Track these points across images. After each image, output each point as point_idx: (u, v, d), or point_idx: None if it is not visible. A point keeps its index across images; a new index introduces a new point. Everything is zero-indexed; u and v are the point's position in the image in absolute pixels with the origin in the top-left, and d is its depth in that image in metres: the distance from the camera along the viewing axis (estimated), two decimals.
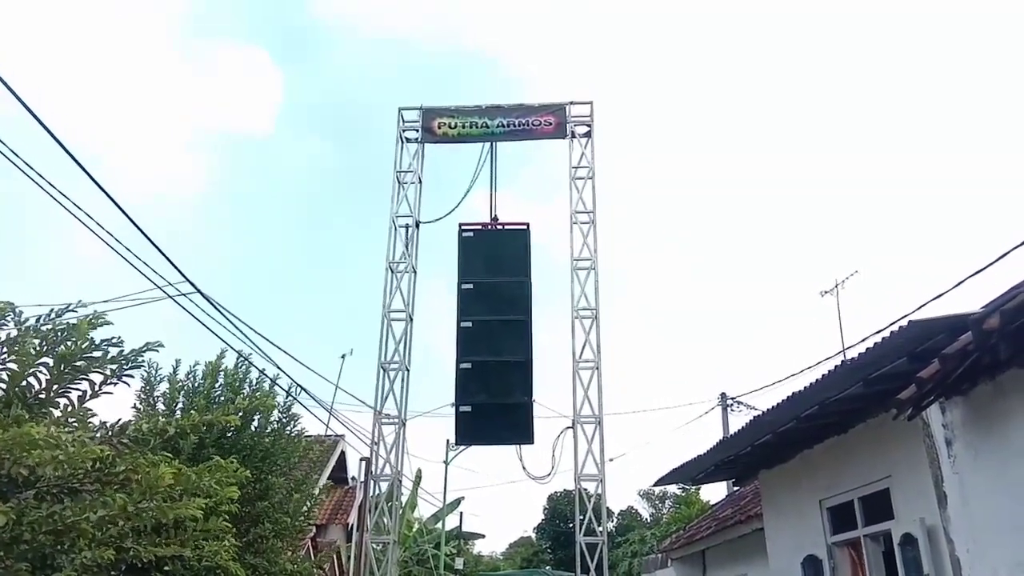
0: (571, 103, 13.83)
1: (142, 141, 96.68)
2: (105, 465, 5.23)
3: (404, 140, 13.89)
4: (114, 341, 5.35)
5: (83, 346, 5.19)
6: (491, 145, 13.76)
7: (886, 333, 5.51)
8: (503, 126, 13.68)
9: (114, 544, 5.75)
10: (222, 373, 10.99)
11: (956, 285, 8.90)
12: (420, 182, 13.73)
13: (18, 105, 6.75)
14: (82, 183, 7.80)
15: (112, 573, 6.67)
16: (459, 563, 32.55)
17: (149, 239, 8.69)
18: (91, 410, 5.57)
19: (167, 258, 9.19)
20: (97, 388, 5.52)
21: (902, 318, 5.51)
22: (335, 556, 16.19)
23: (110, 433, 5.44)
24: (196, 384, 10.79)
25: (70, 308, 5.50)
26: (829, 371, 6.30)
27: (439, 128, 13.79)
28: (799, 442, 8.23)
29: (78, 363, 5.26)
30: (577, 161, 13.49)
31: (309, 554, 14.53)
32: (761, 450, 8.57)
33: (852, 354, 6.55)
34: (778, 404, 7.15)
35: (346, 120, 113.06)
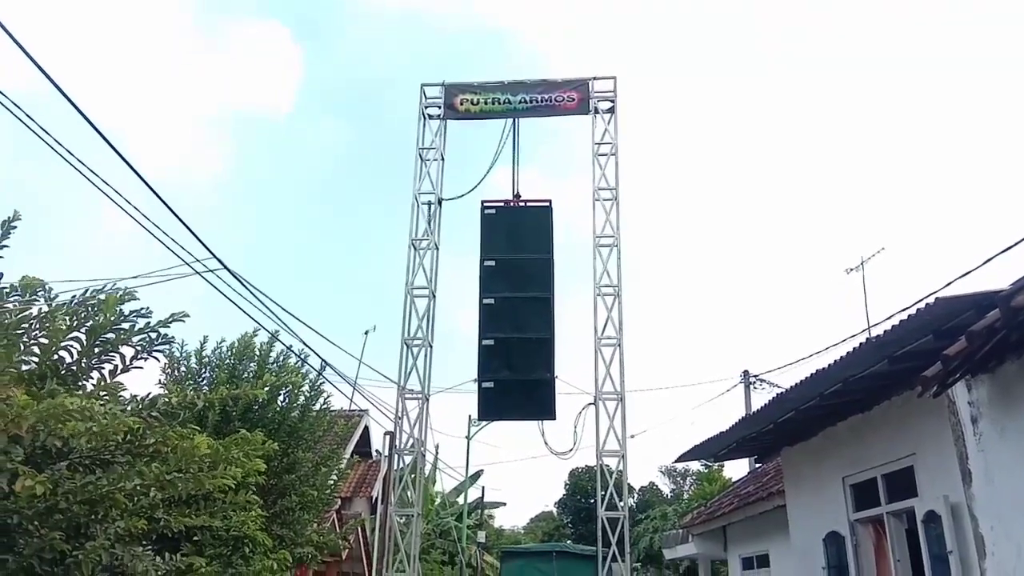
0: (594, 78, 13.70)
1: (163, 119, 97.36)
2: (136, 437, 5.36)
3: (426, 117, 13.85)
4: (143, 312, 5.44)
5: (112, 319, 5.28)
6: (514, 121, 13.69)
7: (912, 310, 5.46)
8: (525, 102, 13.60)
9: (146, 514, 5.89)
10: (256, 350, 11.14)
11: (985, 262, 8.76)
12: (442, 159, 13.71)
13: (46, 82, 6.84)
14: (107, 160, 7.89)
15: (143, 543, 6.85)
16: (481, 536, 32.92)
17: (176, 215, 8.80)
18: (122, 384, 5.68)
19: (194, 234, 9.30)
20: (128, 362, 5.63)
21: (929, 296, 5.44)
22: (360, 528, 16.45)
23: (140, 406, 5.55)
24: (223, 359, 10.96)
25: (102, 290, 5.59)
26: (854, 348, 6.25)
27: (461, 105, 13.74)
28: (822, 419, 8.20)
29: (108, 335, 5.36)
30: (600, 137, 13.40)
31: (334, 526, 14.79)
32: (784, 427, 8.55)
33: (877, 332, 6.49)
34: (802, 381, 7.12)
35: (366, 97, 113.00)
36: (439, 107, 13.82)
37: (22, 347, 5.10)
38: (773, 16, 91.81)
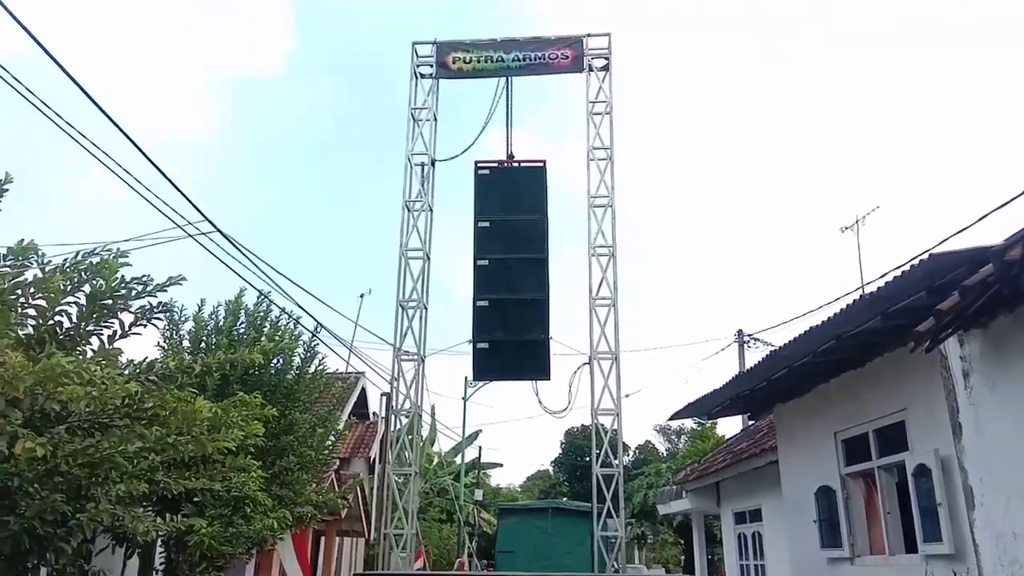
0: (588, 35, 13.53)
1: (154, 81, 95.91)
2: (134, 401, 5.38)
3: (418, 76, 13.69)
4: (142, 279, 5.43)
5: (112, 284, 5.27)
6: (507, 80, 13.54)
7: (906, 267, 5.48)
8: (519, 60, 13.44)
9: (146, 477, 5.96)
10: (243, 312, 11.15)
11: (979, 219, 8.76)
12: (435, 119, 13.59)
13: (32, 43, 6.71)
14: (98, 124, 7.79)
15: (144, 504, 6.94)
16: (478, 494, 33.40)
17: (167, 178, 8.72)
18: (119, 348, 5.69)
19: (186, 197, 9.24)
20: (128, 328, 5.63)
21: (923, 253, 5.45)
22: (358, 488, 16.63)
23: (138, 371, 5.57)
24: (219, 323, 10.97)
25: (95, 252, 5.57)
26: (848, 305, 6.29)
27: (454, 63, 13.57)
28: (815, 376, 8.27)
29: (107, 301, 5.35)
30: (594, 96, 13.27)
31: (333, 486, 14.95)
32: (777, 384, 8.63)
33: (871, 289, 6.52)
34: (795, 338, 7.17)
35: (359, 57, 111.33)
36: (431, 66, 13.65)
37: (18, 310, 5.09)
38: None
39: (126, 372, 5.50)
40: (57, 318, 5.31)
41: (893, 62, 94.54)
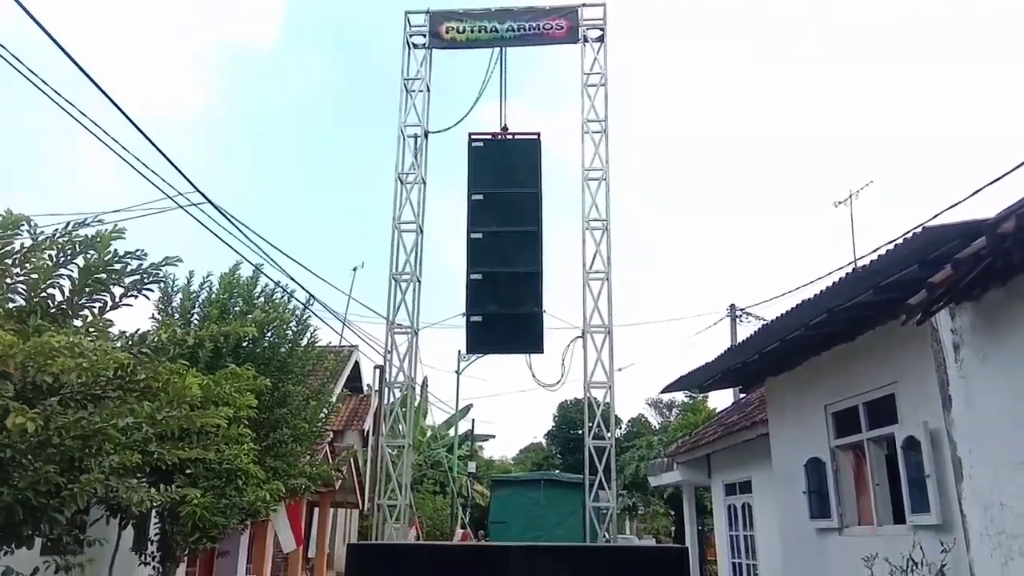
0: (583, 5, 13.36)
1: (145, 54, 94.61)
2: (126, 373, 5.37)
3: (411, 46, 13.52)
4: (137, 253, 5.39)
5: (106, 258, 5.23)
6: (501, 51, 13.39)
7: (898, 240, 5.48)
8: (513, 30, 13.28)
9: (139, 448, 5.97)
10: (235, 286, 11.12)
11: (972, 194, 8.77)
12: (428, 90, 13.45)
13: (24, 15, 6.60)
14: (89, 96, 7.70)
15: (138, 475, 6.96)
16: (471, 466, 33.66)
17: (159, 149, 8.64)
18: (111, 320, 5.67)
19: (177, 168, 9.16)
20: (118, 300, 5.60)
21: (917, 227, 5.45)
22: (352, 460, 16.75)
23: (130, 342, 5.55)
24: (211, 295, 10.94)
25: (86, 222, 5.52)
26: (840, 279, 6.30)
27: (447, 33, 13.40)
28: (807, 349, 8.32)
29: (100, 275, 5.32)
30: (589, 67, 13.15)
31: (327, 458, 15.05)
32: (769, 357, 8.68)
33: (864, 263, 6.53)
34: (787, 312, 7.19)
35: (351, 26, 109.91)
36: (424, 35, 13.48)
37: (7, 284, 5.05)
38: None
39: (118, 344, 5.48)
40: (50, 291, 5.28)
41: (893, 32, 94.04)
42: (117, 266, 5.37)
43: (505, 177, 12.81)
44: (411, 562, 6.63)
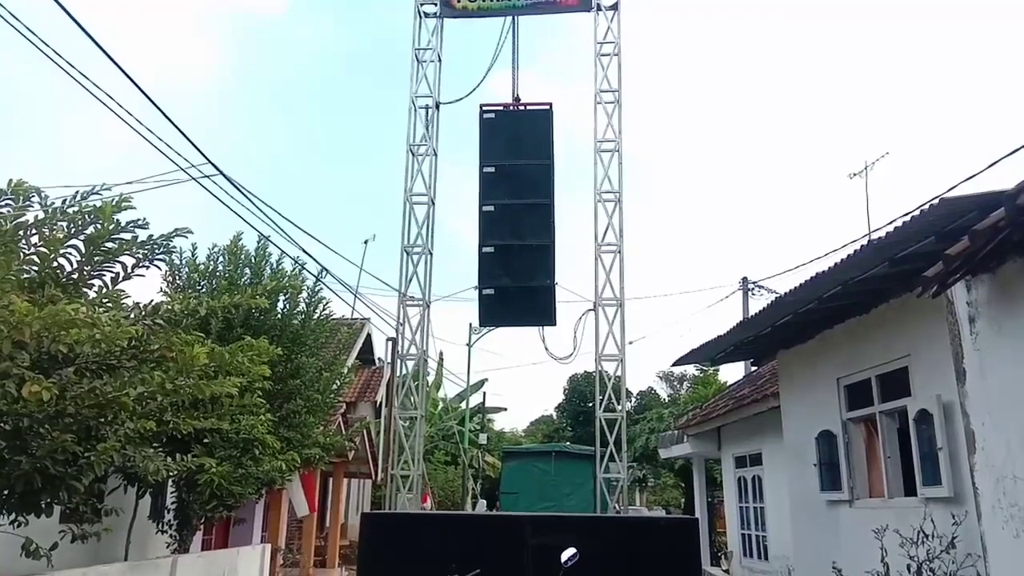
0: None
1: (155, 20, 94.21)
2: (140, 343, 5.42)
3: (422, 15, 13.36)
4: (140, 223, 5.41)
5: (110, 228, 5.25)
6: (513, 20, 13.22)
7: (916, 212, 5.42)
8: None
9: (154, 417, 6.04)
10: (242, 256, 11.15)
11: (990, 166, 8.64)
12: (439, 60, 13.31)
13: None
14: (100, 64, 7.67)
15: (154, 444, 7.05)
16: (482, 438, 33.91)
17: (170, 120, 8.63)
18: (124, 291, 5.71)
19: (188, 139, 9.16)
20: (129, 271, 5.64)
21: (933, 199, 5.38)
22: (365, 431, 16.89)
23: (143, 313, 5.59)
24: (218, 267, 10.99)
25: (95, 191, 5.54)
26: (855, 251, 6.24)
27: (458, 1, 13.23)
28: (820, 322, 8.27)
29: (107, 245, 5.34)
30: (603, 36, 12.96)
31: (340, 429, 15.19)
32: (781, 330, 8.64)
33: (879, 235, 6.46)
34: (801, 284, 7.14)
35: None
36: (435, 4, 13.31)
37: (21, 256, 5.08)
38: None
39: (131, 315, 5.52)
40: (60, 260, 5.31)
41: (909, 8, 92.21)
42: (125, 236, 5.39)
43: (517, 149, 12.72)
44: (424, 531, 6.71)
